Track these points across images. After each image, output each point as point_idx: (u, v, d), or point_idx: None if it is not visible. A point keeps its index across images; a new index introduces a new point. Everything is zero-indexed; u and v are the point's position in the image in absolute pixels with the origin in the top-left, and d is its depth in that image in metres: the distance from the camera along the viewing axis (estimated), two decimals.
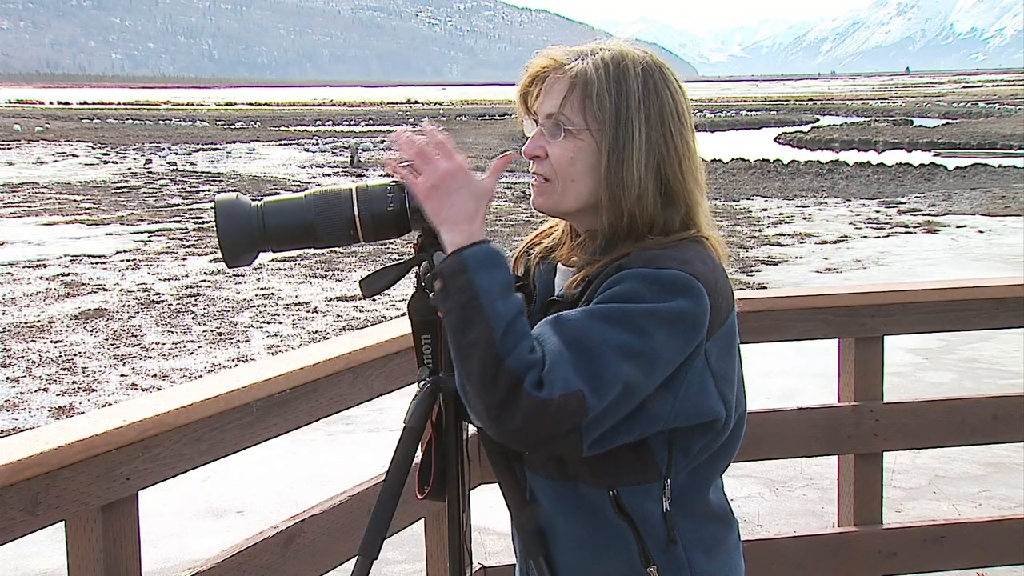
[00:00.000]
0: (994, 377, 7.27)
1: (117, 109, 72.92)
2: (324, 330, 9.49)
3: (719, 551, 1.63)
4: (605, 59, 1.56)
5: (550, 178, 1.59)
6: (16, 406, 7.24)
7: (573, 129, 1.55)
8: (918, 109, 58.48)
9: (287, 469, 5.60)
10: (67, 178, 24.33)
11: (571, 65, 1.57)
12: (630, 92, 1.54)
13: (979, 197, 18.95)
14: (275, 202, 1.61)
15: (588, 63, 1.56)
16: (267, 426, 2.06)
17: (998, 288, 3.18)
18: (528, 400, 1.40)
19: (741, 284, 11.04)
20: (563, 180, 1.58)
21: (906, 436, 3.07)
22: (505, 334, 1.42)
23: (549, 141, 1.58)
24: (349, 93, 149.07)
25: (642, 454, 1.53)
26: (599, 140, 1.55)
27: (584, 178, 1.57)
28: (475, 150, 32.25)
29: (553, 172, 1.58)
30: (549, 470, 1.60)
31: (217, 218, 1.59)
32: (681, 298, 1.46)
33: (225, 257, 1.60)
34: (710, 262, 1.55)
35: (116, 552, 1.78)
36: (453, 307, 1.46)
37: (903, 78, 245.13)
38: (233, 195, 1.61)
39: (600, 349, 1.43)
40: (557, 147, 1.57)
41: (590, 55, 1.57)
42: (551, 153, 1.58)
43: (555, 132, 1.57)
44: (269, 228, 1.59)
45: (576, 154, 1.56)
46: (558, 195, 1.59)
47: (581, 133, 1.55)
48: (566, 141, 1.56)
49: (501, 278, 1.47)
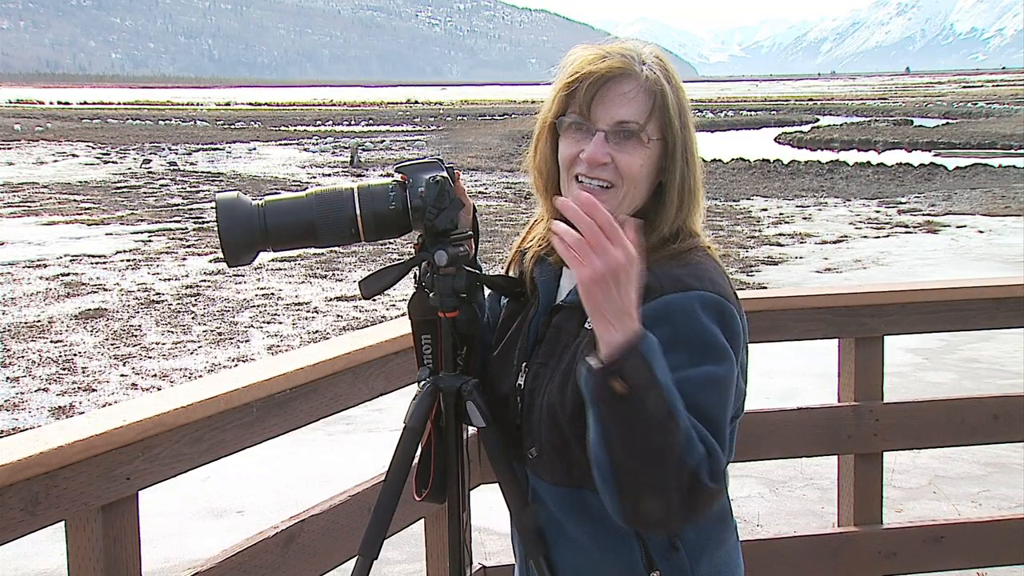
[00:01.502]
0: (994, 377, 7.27)
1: (117, 109, 72.97)
2: (324, 330, 9.49)
3: (719, 552, 1.64)
4: (661, 67, 1.58)
5: (615, 184, 1.57)
6: (16, 406, 7.24)
7: (644, 137, 1.56)
8: (918, 109, 58.49)
9: (287, 469, 5.60)
10: (67, 178, 24.33)
11: (640, 72, 1.56)
12: (682, 101, 1.58)
13: (979, 197, 18.95)
14: (276, 201, 1.61)
15: (656, 72, 1.57)
16: (267, 426, 2.06)
17: (998, 288, 3.18)
18: (708, 492, 1.36)
19: (741, 284, 11.04)
20: (630, 187, 1.57)
21: (906, 436, 3.07)
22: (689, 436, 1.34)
23: (615, 148, 1.56)
24: (349, 93, 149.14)
25: None
26: (664, 149, 1.57)
27: (643, 184, 1.58)
28: (475, 150, 32.26)
29: (620, 179, 1.57)
30: (555, 476, 1.60)
31: (218, 217, 1.59)
32: (731, 321, 1.50)
33: (226, 256, 1.60)
34: (723, 276, 1.58)
35: (116, 552, 1.78)
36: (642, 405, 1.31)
37: (903, 78, 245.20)
38: (234, 194, 1.61)
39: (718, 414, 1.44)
40: (627, 155, 1.55)
41: (647, 62, 1.58)
42: (620, 160, 1.56)
43: (625, 139, 1.55)
44: (270, 227, 1.59)
45: (645, 162, 1.56)
46: (618, 200, 1.57)
47: (651, 143, 1.56)
48: (637, 149, 1.56)
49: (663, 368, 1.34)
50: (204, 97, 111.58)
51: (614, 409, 1.31)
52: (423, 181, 1.61)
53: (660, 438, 1.31)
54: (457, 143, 36.68)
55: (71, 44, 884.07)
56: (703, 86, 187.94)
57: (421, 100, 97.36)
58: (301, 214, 1.60)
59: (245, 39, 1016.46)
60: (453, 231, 1.63)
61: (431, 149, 34.41)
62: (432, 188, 1.60)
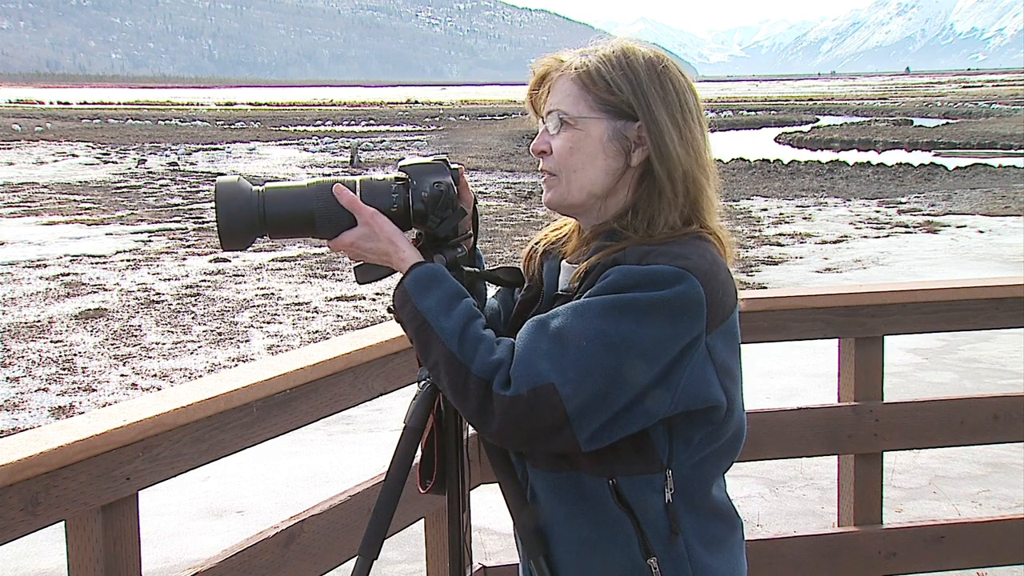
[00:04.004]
0: (994, 377, 7.27)
1: (117, 109, 72.91)
2: (324, 330, 9.49)
3: (722, 549, 1.63)
4: (606, 53, 1.59)
5: (555, 172, 1.62)
6: (16, 406, 7.23)
7: (569, 120, 1.58)
8: (918, 109, 58.46)
9: (287, 469, 5.60)
10: (67, 178, 24.33)
11: (571, 62, 1.61)
12: (639, 79, 1.57)
13: (979, 197, 18.95)
14: (277, 188, 1.60)
15: (589, 58, 1.59)
16: (267, 426, 2.06)
17: (998, 288, 3.17)
18: (499, 400, 1.46)
19: (741, 284, 10.97)
20: (566, 171, 1.60)
21: (906, 436, 3.06)
22: (461, 344, 1.50)
23: (552, 136, 1.61)
24: (349, 93, 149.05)
25: (642, 444, 1.53)
26: (600, 128, 1.57)
27: (585, 167, 1.59)
28: (475, 150, 32.27)
29: (556, 166, 1.61)
30: (550, 461, 1.60)
31: (217, 200, 1.58)
32: (664, 288, 1.47)
33: (221, 239, 1.59)
34: (709, 256, 1.55)
35: (116, 552, 1.78)
36: (411, 335, 1.57)
37: (903, 78, 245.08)
38: (235, 178, 1.60)
39: (574, 340, 1.46)
40: (558, 140, 1.60)
41: (592, 52, 1.61)
42: (553, 147, 1.61)
43: (555, 126, 1.60)
44: (269, 214, 1.58)
45: (575, 144, 1.59)
46: (563, 188, 1.61)
47: (578, 123, 1.58)
48: (565, 133, 1.59)
49: (440, 294, 1.54)
50: (204, 97, 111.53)
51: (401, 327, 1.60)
52: (427, 185, 1.61)
53: (431, 351, 1.52)
54: (457, 143, 36.68)
55: (71, 44, 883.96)
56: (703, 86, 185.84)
57: (421, 100, 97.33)
58: (301, 203, 1.59)
59: (245, 39, 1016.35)
60: (453, 237, 1.63)
61: (431, 149, 34.42)
62: (435, 195, 1.60)
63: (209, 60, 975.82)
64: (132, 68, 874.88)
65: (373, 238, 1.60)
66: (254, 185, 1.60)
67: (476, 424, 1.51)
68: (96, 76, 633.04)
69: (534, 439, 1.49)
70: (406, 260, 1.59)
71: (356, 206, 1.60)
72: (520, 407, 1.45)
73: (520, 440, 1.51)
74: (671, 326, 1.47)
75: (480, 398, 1.47)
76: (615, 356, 1.45)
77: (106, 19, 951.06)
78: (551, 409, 1.44)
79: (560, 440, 1.47)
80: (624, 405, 1.47)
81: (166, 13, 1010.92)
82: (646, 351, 1.46)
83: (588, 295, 1.51)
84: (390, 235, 1.60)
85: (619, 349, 1.46)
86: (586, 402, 1.45)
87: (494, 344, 1.50)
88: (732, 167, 25.62)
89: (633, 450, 1.54)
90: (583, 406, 1.45)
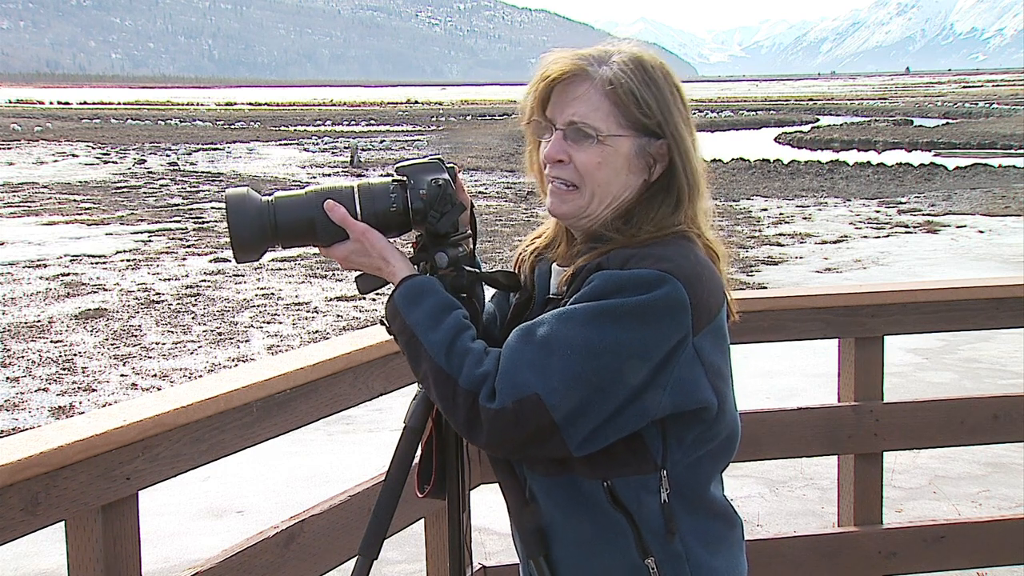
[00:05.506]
0: (994, 377, 7.27)
1: (117, 109, 72.93)
2: (324, 330, 9.49)
3: (721, 548, 1.63)
4: (625, 62, 1.58)
5: (576, 184, 1.59)
6: (16, 406, 7.23)
7: (600, 136, 1.57)
8: (918, 109, 58.46)
9: (287, 469, 5.60)
10: (67, 178, 24.33)
11: (598, 73, 1.57)
12: (663, 97, 1.58)
13: (979, 197, 18.95)
14: (286, 197, 1.61)
15: (614, 70, 1.57)
16: (267, 426, 2.06)
17: (998, 288, 3.17)
18: (486, 413, 1.48)
19: (741, 284, 11.05)
20: (591, 185, 1.59)
21: (906, 436, 3.06)
22: (448, 357, 1.52)
23: (573, 147, 1.58)
24: (349, 93, 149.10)
25: (636, 446, 1.54)
26: (628, 146, 1.57)
27: (611, 183, 1.58)
28: (475, 150, 32.28)
29: (580, 179, 1.59)
30: (546, 465, 1.61)
31: (228, 213, 1.57)
32: (646, 293, 1.47)
33: (236, 253, 1.59)
34: (692, 257, 1.55)
35: (116, 552, 1.78)
36: (401, 347, 1.60)
37: (903, 78, 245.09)
38: (244, 190, 1.60)
39: (559, 349, 1.47)
40: (584, 154, 1.58)
41: (610, 60, 1.58)
42: (577, 159, 1.58)
43: (580, 138, 1.58)
44: (280, 223, 1.59)
45: (604, 159, 1.57)
46: (584, 201, 1.59)
47: (608, 140, 1.57)
48: (594, 148, 1.57)
49: (428, 307, 1.56)
50: (204, 97, 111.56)
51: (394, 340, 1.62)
52: (425, 183, 1.61)
53: (420, 364, 1.55)
54: (457, 143, 36.67)
55: (71, 44, 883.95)
56: (703, 86, 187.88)
57: (421, 100, 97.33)
58: (305, 211, 1.60)
59: (245, 39, 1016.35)
60: (453, 234, 1.63)
61: (431, 149, 34.42)
62: (434, 191, 1.60)
63: (209, 60, 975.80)
64: (132, 68, 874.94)
65: (365, 253, 1.62)
66: (263, 195, 1.61)
67: (466, 435, 1.53)
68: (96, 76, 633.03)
69: (524, 447, 1.51)
70: (397, 274, 1.61)
71: (348, 223, 1.60)
72: (506, 419, 1.47)
73: (510, 449, 1.54)
74: (655, 329, 1.48)
75: (468, 411, 1.49)
76: (600, 362, 1.46)
77: (106, 19, 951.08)
78: (537, 418, 1.46)
79: (551, 447, 1.49)
80: (613, 410, 1.48)
81: (166, 13, 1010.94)
82: (632, 356, 1.47)
83: (572, 301, 1.52)
84: (381, 251, 1.61)
85: (604, 355, 1.46)
86: (574, 409, 1.46)
87: (482, 356, 1.52)
88: (732, 167, 25.60)
89: (627, 452, 1.54)
90: (571, 413, 1.46)
